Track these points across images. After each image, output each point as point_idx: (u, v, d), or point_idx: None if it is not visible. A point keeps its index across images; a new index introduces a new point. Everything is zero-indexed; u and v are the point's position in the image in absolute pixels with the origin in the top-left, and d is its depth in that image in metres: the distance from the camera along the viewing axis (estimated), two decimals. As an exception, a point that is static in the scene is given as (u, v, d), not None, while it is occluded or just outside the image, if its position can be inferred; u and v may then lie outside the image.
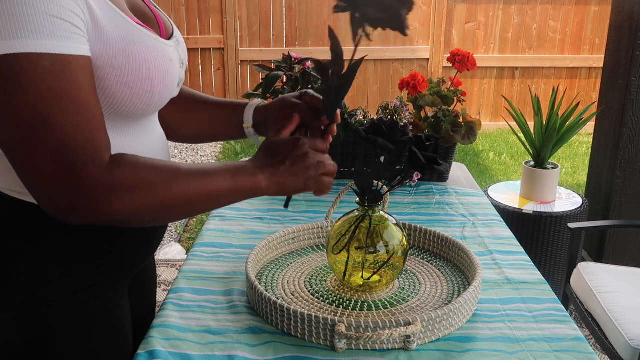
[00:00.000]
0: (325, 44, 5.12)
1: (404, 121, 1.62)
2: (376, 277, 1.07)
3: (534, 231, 2.37)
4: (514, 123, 2.55)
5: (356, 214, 1.08)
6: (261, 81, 1.61)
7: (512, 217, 2.37)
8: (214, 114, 1.11)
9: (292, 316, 0.95)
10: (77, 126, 0.69)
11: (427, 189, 1.65)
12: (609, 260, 2.64)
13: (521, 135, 2.53)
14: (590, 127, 3.63)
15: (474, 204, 1.54)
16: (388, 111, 1.65)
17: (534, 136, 2.46)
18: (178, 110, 1.09)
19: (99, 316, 0.90)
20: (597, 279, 1.88)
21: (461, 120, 1.67)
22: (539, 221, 2.35)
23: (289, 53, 1.64)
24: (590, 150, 2.87)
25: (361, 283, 1.08)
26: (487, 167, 4.51)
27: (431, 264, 1.20)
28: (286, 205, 0.98)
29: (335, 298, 1.07)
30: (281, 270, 1.17)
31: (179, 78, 0.93)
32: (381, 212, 1.08)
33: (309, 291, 1.09)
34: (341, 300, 1.06)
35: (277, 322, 0.97)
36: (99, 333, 0.91)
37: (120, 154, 0.75)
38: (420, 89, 1.71)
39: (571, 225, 2.07)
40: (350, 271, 1.07)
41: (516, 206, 2.42)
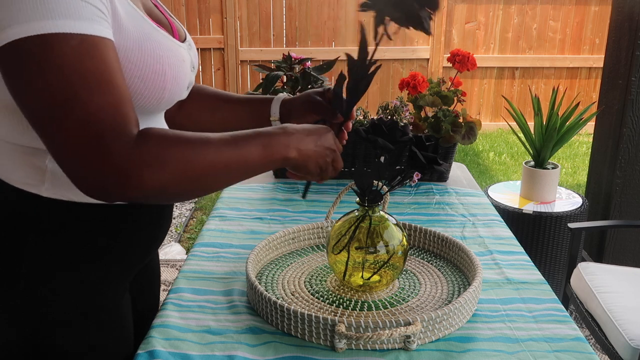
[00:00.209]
0: (325, 44, 5.12)
1: (404, 121, 1.62)
2: (376, 277, 1.07)
3: (534, 231, 2.37)
4: (514, 123, 2.55)
5: (356, 214, 1.08)
6: (261, 81, 1.61)
7: (512, 217, 2.37)
8: (240, 111, 1.13)
9: (292, 316, 0.95)
10: (105, 102, 0.70)
11: (427, 189, 1.65)
12: (609, 260, 2.64)
13: (521, 135, 2.53)
14: (590, 127, 3.63)
15: (474, 204, 1.54)
16: (388, 111, 1.65)
17: (534, 136, 2.46)
18: (203, 110, 1.12)
19: (100, 311, 0.91)
20: (597, 279, 1.88)
21: (461, 120, 1.67)
22: (539, 221, 2.35)
23: (289, 53, 1.64)
24: (590, 150, 2.87)
25: (361, 283, 1.08)
26: (487, 167, 4.51)
27: (431, 264, 1.20)
28: (304, 195, 1.05)
29: (335, 298, 1.07)
30: (281, 270, 1.17)
31: (189, 80, 0.95)
32: (381, 212, 1.08)
33: (309, 291, 1.09)
34: (341, 300, 1.06)
35: (277, 322, 0.97)
36: (100, 328, 0.91)
37: (148, 128, 0.76)
38: (420, 89, 1.71)
39: (571, 225, 2.07)
40: (350, 271, 1.07)
41: (516, 206, 2.42)
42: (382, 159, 1.02)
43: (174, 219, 3.53)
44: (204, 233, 1.34)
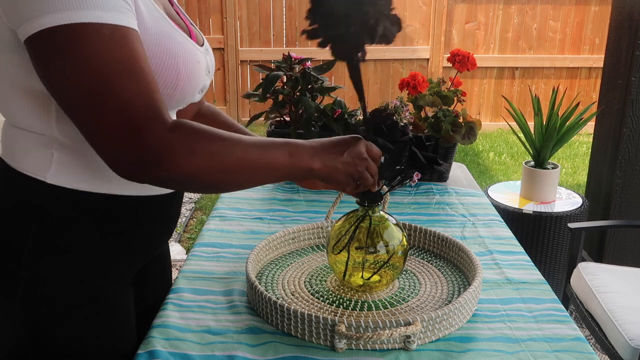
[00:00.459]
0: (325, 44, 5.11)
1: (404, 121, 1.62)
2: (376, 277, 1.07)
3: (534, 231, 2.37)
4: (514, 123, 2.55)
5: (356, 214, 1.08)
6: (261, 81, 1.61)
7: (512, 217, 2.37)
8: None
9: (292, 316, 0.95)
10: (138, 89, 0.73)
11: (427, 189, 1.65)
12: (609, 260, 2.64)
13: (521, 135, 2.53)
14: (590, 127, 3.63)
15: (474, 204, 1.54)
16: (388, 111, 1.65)
17: (534, 136, 2.46)
18: None
19: (101, 303, 0.91)
20: (597, 279, 1.88)
21: (461, 120, 1.67)
22: (539, 221, 2.35)
23: (289, 53, 1.64)
24: (590, 150, 2.87)
25: (361, 283, 1.08)
26: (487, 167, 4.51)
27: (431, 264, 1.20)
28: (362, 202, 1.05)
29: (335, 298, 1.07)
30: (281, 270, 1.17)
31: (203, 84, 0.96)
32: (381, 212, 1.08)
33: (309, 291, 1.09)
34: (341, 300, 1.06)
35: (277, 322, 0.97)
36: (100, 320, 0.92)
37: (183, 119, 0.78)
38: (420, 89, 1.71)
39: (571, 225, 2.07)
40: (350, 271, 1.07)
41: (516, 206, 2.42)
42: (382, 159, 1.02)
43: (174, 219, 3.52)
44: (204, 233, 1.34)
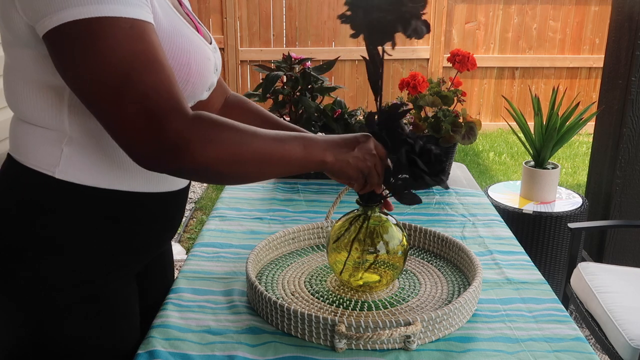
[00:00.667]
0: (325, 44, 5.12)
1: (404, 121, 1.62)
2: (376, 277, 1.07)
3: (534, 231, 2.36)
4: (514, 123, 2.55)
5: (356, 213, 1.08)
6: (261, 81, 1.61)
7: (512, 217, 2.37)
8: None
9: (292, 316, 0.95)
10: (157, 81, 0.74)
11: (427, 189, 1.65)
12: (609, 260, 2.64)
13: (521, 135, 2.52)
14: (590, 127, 3.63)
15: (474, 204, 1.54)
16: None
17: (534, 136, 2.46)
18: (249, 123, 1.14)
19: (103, 300, 0.91)
20: (597, 279, 1.88)
21: (461, 120, 1.67)
22: (539, 221, 2.35)
23: (289, 53, 1.64)
24: (590, 150, 2.87)
25: (361, 283, 1.08)
26: (487, 167, 4.51)
27: (431, 264, 1.20)
28: (362, 201, 1.05)
29: (335, 298, 1.07)
30: (281, 270, 1.17)
31: (211, 82, 0.97)
32: (380, 213, 1.08)
33: (309, 291, 1.09)
34: (341, 300, 1.06)
35: (277, 322, 0.97)
36: (103, 316, 0.92)
37: (204, 112, 0.80)
38: (420, 89, 1.71)
39: (571, 225, 2.07)
40: (350, 271, 1.07)
41: (516, 206, 2.42)
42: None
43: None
44: (204, 233, 1.34)
